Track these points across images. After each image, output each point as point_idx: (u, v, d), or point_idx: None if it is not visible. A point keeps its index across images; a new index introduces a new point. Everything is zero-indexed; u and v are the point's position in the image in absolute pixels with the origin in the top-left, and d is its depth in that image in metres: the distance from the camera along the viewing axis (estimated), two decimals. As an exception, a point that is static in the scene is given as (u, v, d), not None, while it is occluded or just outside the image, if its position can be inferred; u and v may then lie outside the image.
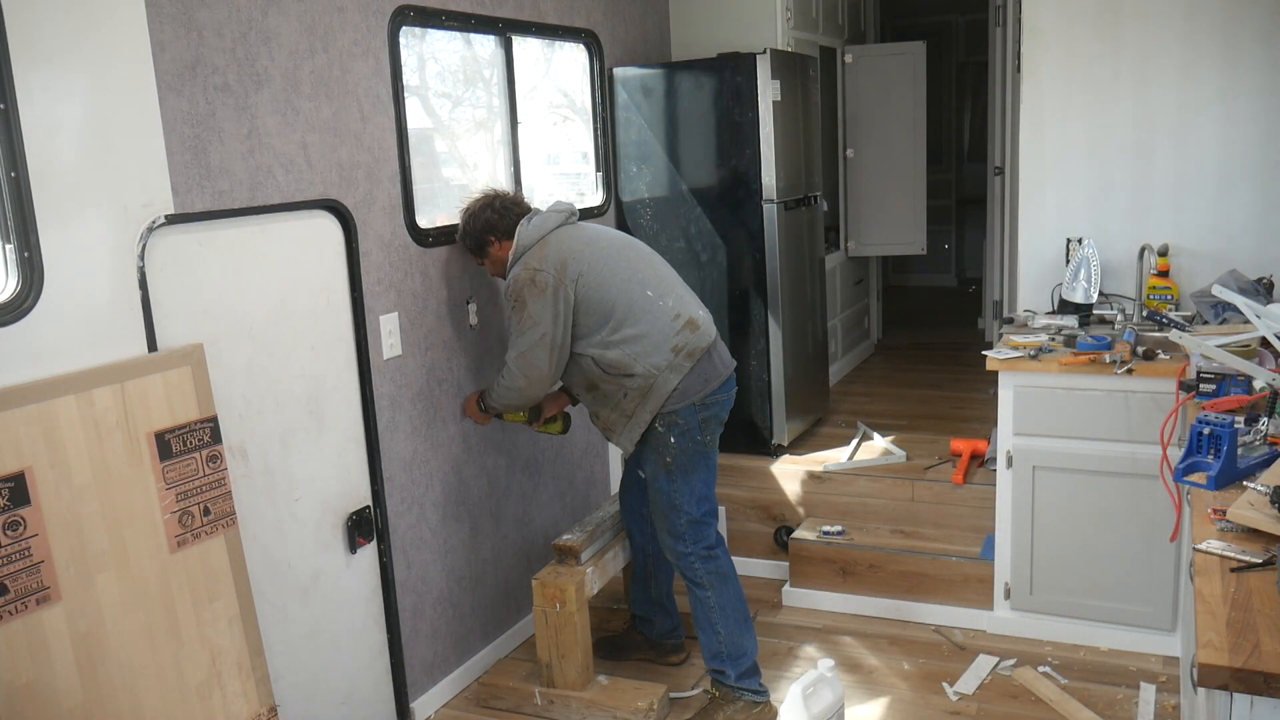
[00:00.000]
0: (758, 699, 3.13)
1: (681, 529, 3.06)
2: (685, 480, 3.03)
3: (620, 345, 2.95)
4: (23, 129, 2.09)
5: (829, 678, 2.84)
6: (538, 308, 2.94)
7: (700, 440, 3.02)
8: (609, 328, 2.97)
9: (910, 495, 3.94)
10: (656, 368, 2.94)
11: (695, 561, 3.07)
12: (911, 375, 5.74)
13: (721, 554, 3.11)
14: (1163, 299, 3.64)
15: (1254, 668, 1.51)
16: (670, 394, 2.94)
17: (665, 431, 2.99)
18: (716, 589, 3.07)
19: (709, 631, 3.10)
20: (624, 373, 2.95)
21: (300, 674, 2.83)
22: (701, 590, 3.08)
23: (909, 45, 5.84)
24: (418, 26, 3.27)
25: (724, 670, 3.11)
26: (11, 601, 2.06)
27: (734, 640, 3.09)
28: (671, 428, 2.98)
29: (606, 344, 2.96)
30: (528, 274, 2.96)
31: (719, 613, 3.08)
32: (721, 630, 3.08)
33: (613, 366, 2.96)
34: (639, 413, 2.97)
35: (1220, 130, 3.62)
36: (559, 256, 2.97)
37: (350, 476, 2.98)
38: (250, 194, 2.61)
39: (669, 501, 3.05)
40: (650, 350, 2.94)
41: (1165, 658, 3.37)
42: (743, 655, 3.11)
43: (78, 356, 2.23)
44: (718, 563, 3.09)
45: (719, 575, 3.08)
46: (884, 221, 5.89)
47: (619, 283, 2.99)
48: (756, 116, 4.04)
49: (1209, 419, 2.25)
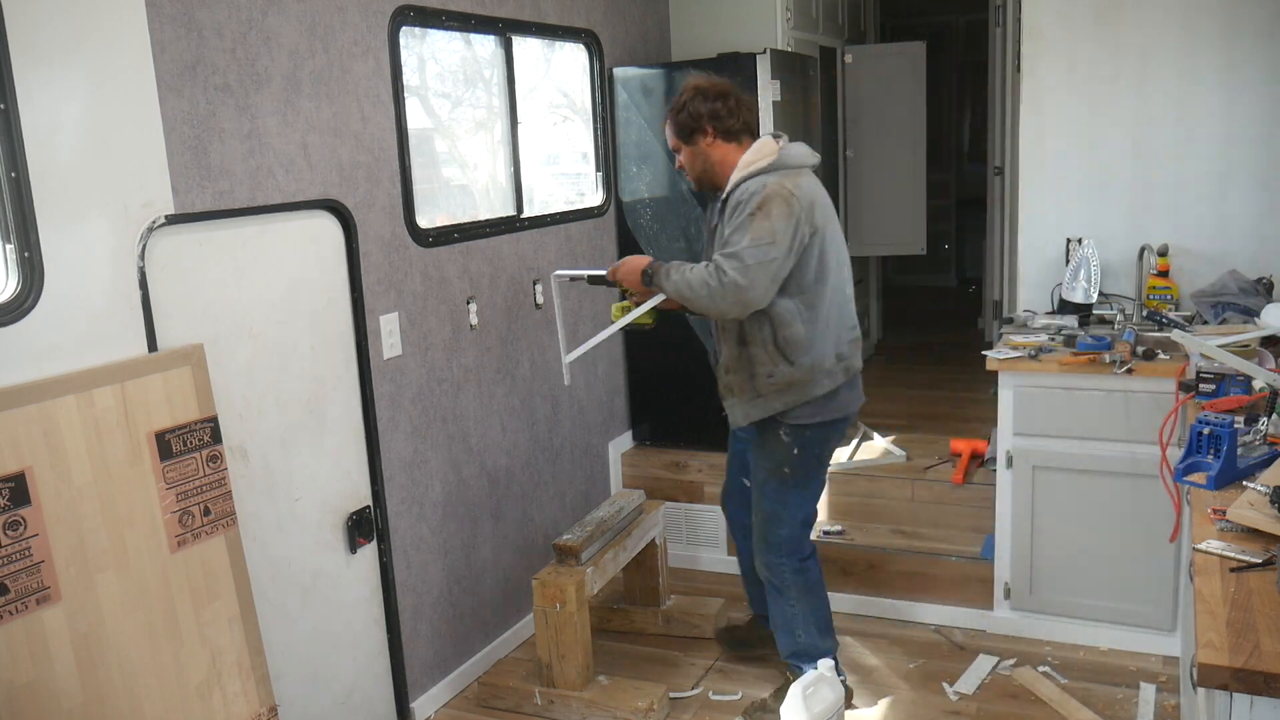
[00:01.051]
0: None
1: (780, 540, 3.00)
2: (798, 493, 2.98)
3: (807, 322, 2.78)
4: (23, 129, 2.09)
5: (829, 678, 2.84)
6: (782, 227, 2.67)
7: (818, 455, 2.97)
8: (806, 297, 2.78)
9: (910, 495, 3.94)
10: (820, 368, 2.82)
11: (786, 573, 3.02)
12: (911, 375, 5.74)
13: (813, 566, 3.06)
14: (1163, 299, 3.63)
15: (1254, 668, 1.51)
16: (811, 400, 2.84)
17: (791, 442, 2.90)
18: (802, 600, 3.03)
19: (788, 635, 3.08)
20: (787, 355, 2.79)
21: (300, 674, 2.83)
22: (786, 599, 3.04)
23: (909, 45, 5.84)
24: (418, 26, 3.27)
25: (800, 667, 3.07)
26: (11, 601, 2.06)
27: (813, 644, 3.06)
28: (797, 439, 2.89)
29: (797, 313, 2.77)
30: (784, 191, 2.71)
31: (800, 621, 3.05)
32: (802, 637, 3.06)
33: (785, 341, 2.79)
34: (771, 398, 2.85)
35: (1220, 130, 3.62)
36: (811, 197, 2.77)
37: (350, 476, 2.98)
38: (250, 194, 2.61)
39: (774, 512, 2.99)
40: (825, 346, 2.82)
41: (1165, 658, 3.37)
42: (821, 656, 3.06)
43: (78, 356, 2.23)
44: (808, 576, 3.04)
45: (807, 587, 3.04)
46: (884, 221, 5.89)
47: (836, 262, 2.84)
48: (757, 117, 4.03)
49: (1209, 419, 2.25)
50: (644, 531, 3.62)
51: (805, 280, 2.77)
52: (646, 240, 4.28)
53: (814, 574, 3.07)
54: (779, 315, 2.77)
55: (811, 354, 2.81)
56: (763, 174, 2.78)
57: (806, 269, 2.77)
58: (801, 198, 2.72)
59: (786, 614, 3.06)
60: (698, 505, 4.27)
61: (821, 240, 2.78)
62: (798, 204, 2.71)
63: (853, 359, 2.92)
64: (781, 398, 2.85)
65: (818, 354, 2.82)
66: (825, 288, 2.81)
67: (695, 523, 4.28)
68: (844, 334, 2.88)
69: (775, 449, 2.93)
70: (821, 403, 2.86)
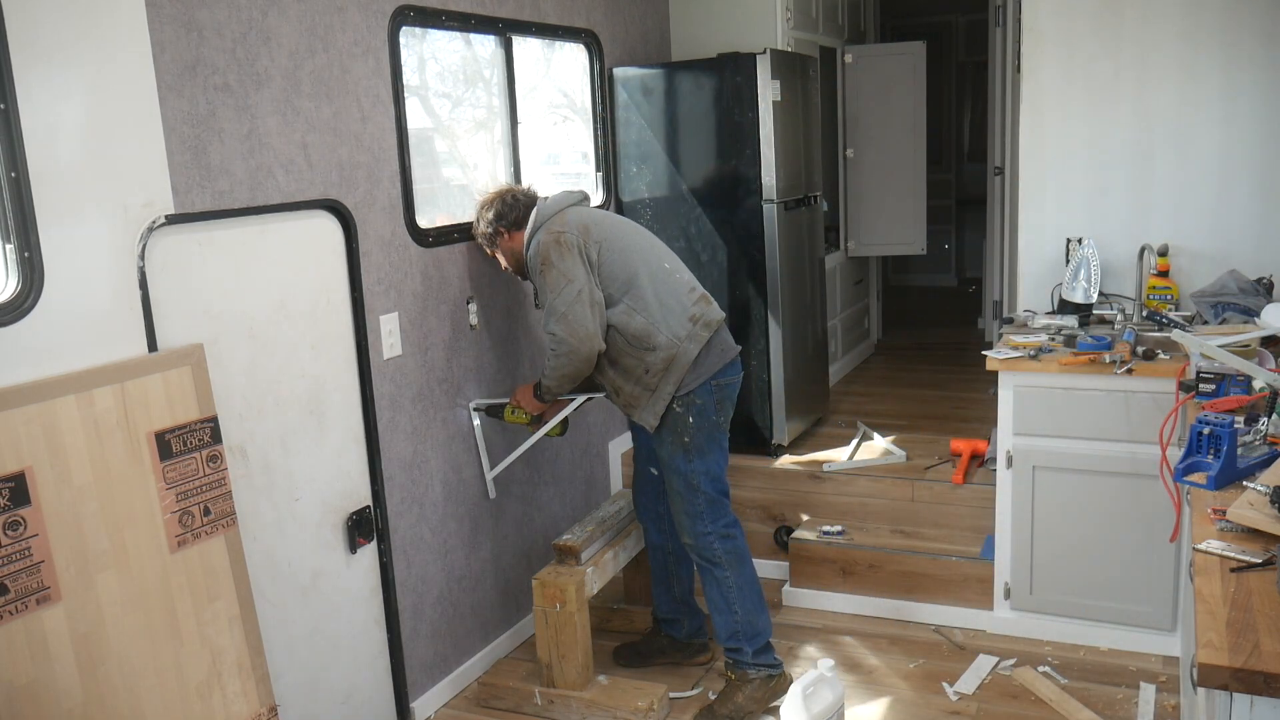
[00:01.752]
0: (773, 672, 3.18)
1: (700, 508, 3.09)
2: (702, 460, 3.07)
3: (643, 313, 2.99)
4: (23, 129, 2.09)
5: (829, 678, 2.84)
6: (568, 265, 2.96)
7: (715, 420, 3.08)
8: (631, 295, 3.01)
9: (910, 495, 3.94)
10: (678, 337, 2.99)
11: (714, 541, 3.10)
12: (911, 375, 5.74)
13: (738, 534, 3.16)
14: (1163, 299, 3.64)
15: (1254, 668, 1.51)
16: (690, 366, 2.99)
17: (684, 412, 3.03)
18: (735, 569, 3.11)
19: (726, 612, 3.13)
20: (647, 345, 2.99)
21: (300, 674, 2.83)
22: (720, 570, 3.11)
23: (909, 45, 5.84)
24: (418, 26, 3.27)
25: (740, 648, 3.14)
26: (11, 601, 2.06)
27: (750, 619, 3.13)
28: (689, 408, 3.03)
29: (630, 311, 3.00)
30: (551, 237, 3.01)
31: (736, 592, 3.11)
32: (739, 610, 3.12)
33: (636, 338, 2.99)
34: (662, 386, 3.01)
35: (1220, 130, 3.62)
36: (580, 222, 3.05)
37: (350, 476, 2.98)
38: (250, 194, 2.61)
39: (687, 483, 3.08)
40: (671, 320, 3.00)
41: (1165, 658, 3.37)
42: (758, 634, 3.15)
43: (78, 356, 2.23)
44: (735, 543, 3.13)
45: (737, 555, 3.12)
46: (884, 221, 5.89)
47: (638, 253, 3.06)
48: (756, 116, 4.04)
49: (1209, 419, 2.25)
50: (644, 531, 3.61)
51: (617, 285, 3.02)
52: (646, 240, 4.28)
53: (740, 543, 3.16)
54: (617, 322, 3.01)
55: (664, 332, 3.00)
56: (532, 236, 3.11)
57: (612, 281, 3.01)
58: (568, 231, 3.01)
59: (721, 587, 3.12)
60: (698, 505, 4.26)
61: (614, 247, 3.03)
62: (568, 237, 3.00)
63: (708, 314, 3.07)
64: (669, 379, 3.01)
65: (670, 329, 3.00)
66: (640, 279, 3.03)
67: (695, 523, 4.27)
68: (684, 300, 3.05)
69: (674, 423, 3.05)
70: (700, 363, 3.02)
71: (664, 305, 3.01)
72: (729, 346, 3.13)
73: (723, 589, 3.12)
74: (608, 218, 3.18)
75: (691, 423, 3.03)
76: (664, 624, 3.51)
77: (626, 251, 3.04)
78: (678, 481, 3.10)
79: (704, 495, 3.09)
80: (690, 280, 3.12)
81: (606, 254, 3.01)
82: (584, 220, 3.06)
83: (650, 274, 3.04)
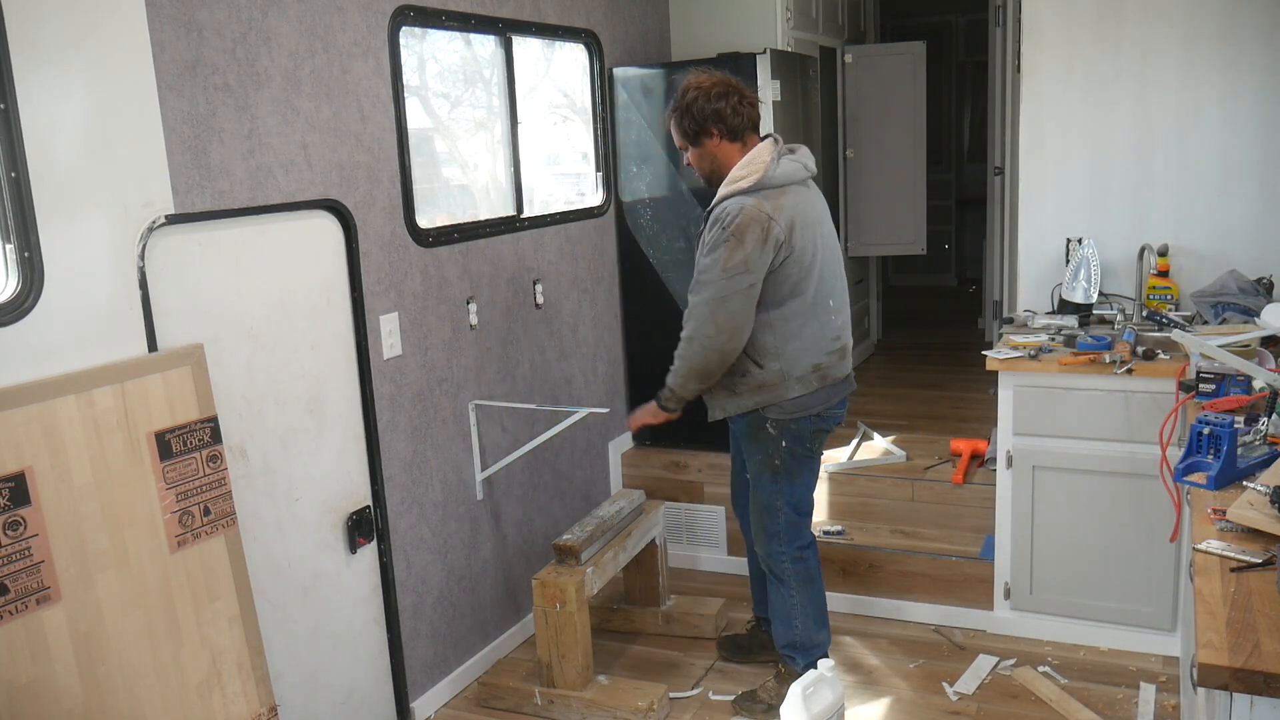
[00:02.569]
0: None
1: (779, 529, 3.07)
2: (790, 484, 3.04)
3: (778, 335, 2.87)
4: (23, 129, 2.09)
5: (829, 678, 2.84)
6: (756, 254, 2.76)
7: (809, 448, 3.03)
8: (781, 311, 2.86)
9: (910, 495, 3.94)
10: (788, 375, 2.89)
11: (786, 561, 3.09)
12: (911, 375, 5.74)
13: (811, 556, 3.13)
14: (1163, 299, 3.64)
15: (1254, 668, 1.51)
16: (784, 401, 2.92)
17: (777, 435, 2.97)
18: (801, 590, 3.11)
19: (786, 624, 3.15)
20: (757, 360, 2.88)
21: (300, 674, 2.83)
22: (786, 589, 3.11)
23: (909, 45, 5.84)
24: (418, 26, 3.27)
25: (794, 658, 3.16)
26: (11, 601, 2.06)
27: (808, 635, 3.14)
28: (784, 432, 2.96)
29: (770, 325, 2.86)
30: (763, 215, 2.76)
31: (799, 610, 3.12)
32: (799, 626, 3.13)
33: (754, 348, 2.88)
34: (745, 397, 2.95)
35: (1220, 130, 3.62)
36: (792, 216, 2.81)
37: (350, 476, 2.98)
38: (250, 194, 2.61)
39: (769, 502, 3.06)
40: (796, 356, 2.89)
41: (1165, 658, 3.37)
42: (815, 648, 3.15)
43: (78, 356, 2.23)
44: (806, 565, 3.12)
45: (806, 577, 3.12)
46: (884, 221, 5.89)
47: (815, 280, 2.89)
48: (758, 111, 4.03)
49: (1209, 419, 2.25)
50: (644, 531, 3.62)
51: (777, 295, 2.85)
52: (646, 240, 4.28)
53: (812, 564, 3.14)
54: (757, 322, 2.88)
55: (782, 360, 2.88)
56: (744, 194, 2.81)
57: (780, 286, 2.83)
58: (780, 220, 2.78)
59: (786, 603, 3.13)
60: (698, 505, 4.27)
61: (802, 258, 2.84)
62: (777, 229, 2.77)
63: (832, 369, 2.96)
64: (754, 397, 2.94)
65: (789, 361, 2.89)
66: (800, 302, 2.87)
67: (695, 523, 4.28)
68: (824, 344, 2.93)
69: (764, 442, 3.00)
70: (797, 403, 2.93)
71: (800, 338, 2.88)
72: (837, 391, 3.02)
73: (787, 605, 3.13)
74: (818, 222, 2.92)
75: (784, 446, 2.98)
76: (764, 622, 3.47)
77: (807, 270, 2.85)
78: (761, 498, 3.08)
79: (784, 516, 3.05)
80: (840, 329, 2.97)
81: (790, 265, 2.82)
82: (796, 216, 2.82)
83: (812, 303, 2.88)
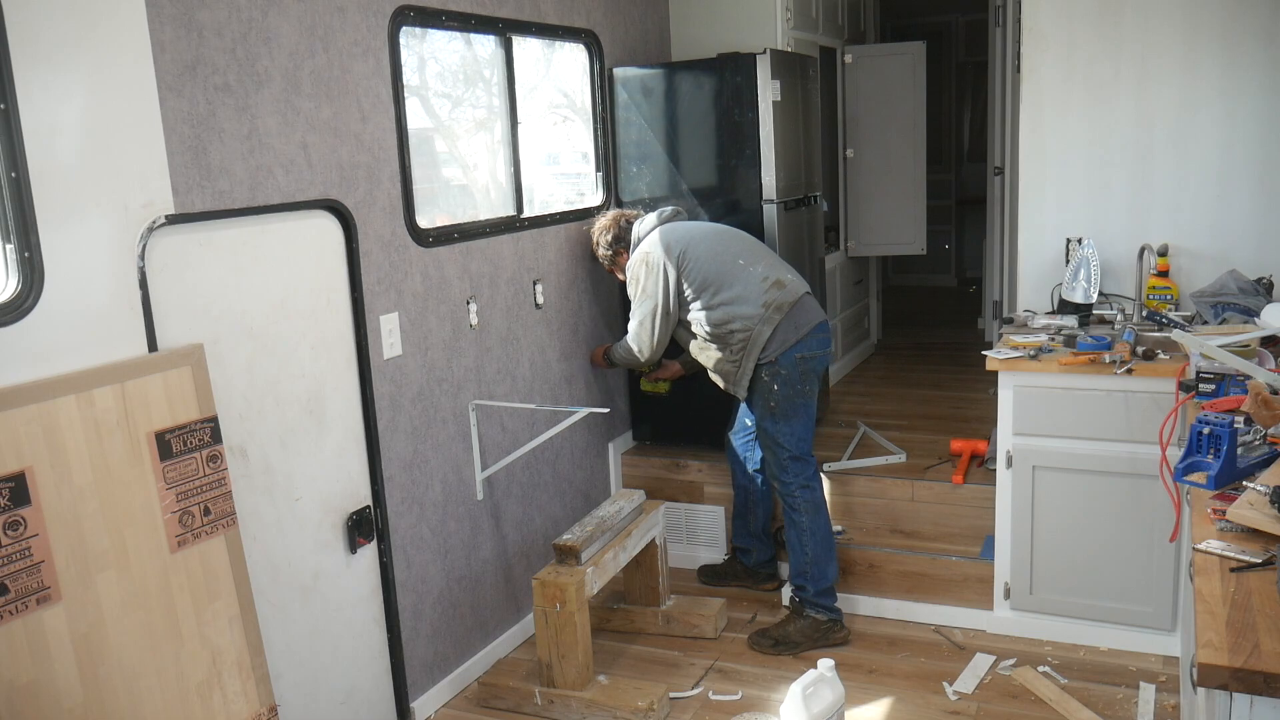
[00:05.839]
0: (831, 616, 3.61)
1: (785, 463, 3.56)
2: (787, 423, 3.53)
3: (720, 307, 3.50)
4: (23, 129, 2.09)
5: (829, 677, 2.84)
6: (650, 283, 3.57)
7: (800, 389, 3.52)
8: (709, 293, 3.52)
9: (910, 495, 3.94)
10: (752, 319, 3.47)
11: (795, 490, 3.56)
12: (911, 375, 5.74)
13: (817, 486, 3.61)
14: (1162, 299, 3.64)
15: (1254, 668, 1.51)
16: (767, 342, 3.45)
17: (770, 380, 3.50)
18: (810, 515, 3.56)
19: (799, 551, 3.59)
20: (727, 329, 3.50)
21: (300, 674, 2.83)
22: (798, 515, 3.57)
23: (909, 45, 5.84)
24: (418, 26, 3.27)
25: (805, 586, 3.60)
26: (11, 601, 2.06)
27: (818, 562, 3.57)
28: (775, 377, 3.49)
29: (709, 307, 3.52)
30: (641, 256, 3.61)
31: (809, 535, 3.56)
32: (809, 551, 3.57)
33: (716, 324, 3.52)
34: (745, 361, 3.50)
35: (1220, 130, 3.62)
36: (665, 241, 3.59)
37: (350, 476, 2.98)
38: (250, 194, 2.61)
39: (773, 440, 3.55)
40: (745, 308, 3.48)
41: (1165, 658, 3.37)
42: (823, 577, 3.58)
43: (78, 356, 2.23)
44: (814, 493, 3.58)
45: (813, 504, 3.57)
46: (884, 221, 5.89)
47: (714, 257, 3.55)
48: (756, 116, 4.04)
49: (1209, 419, 2.25)
50: (644, 531, 3.62)
51: (697, 287, 3.54)
52: (646, 240, 4.28)
53: (818, 494, 3.60)
54: (699, 317, 3.55)
55: (739, 317, 3.49)
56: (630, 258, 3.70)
57: (692, 284, 3.55)
58: (656, 251, 3.58)
59: (798, 530, 3.57)
60: (698, 505, 4.27)
61: (692, 256, 3.55)
62: (654, 257, 3.57)
63: (780, 298, 3.49)
64: (750, 355, 3.50)
65: (744, 314, 3.48)
66: (717, 278, 3.52)
67: (695, 523, 4.28)
68: (758, 289, 3.50)
69: (763, 389, 3.53)
70: (775, 338, 3.46)
71: (738, 297, 3.49)
72: (805, 320, 3.50)
73: (799, 531, 3.56)
74: (690, 231, 3.64)
75: (777, 390, 3.50)
76: (739, 552, 4.06)
77: (702, 259, 3.54)
78: (766, 439, 3.59)
79: (788, 452, 3.54)
80: (763, 272, 3.53)
81: (687, 264, 3.54)
82: (669, 239, 3.58)
83: (724, 272, 3.52)
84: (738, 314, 3.49)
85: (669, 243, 3.58)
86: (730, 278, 3.53)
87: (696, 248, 3.57)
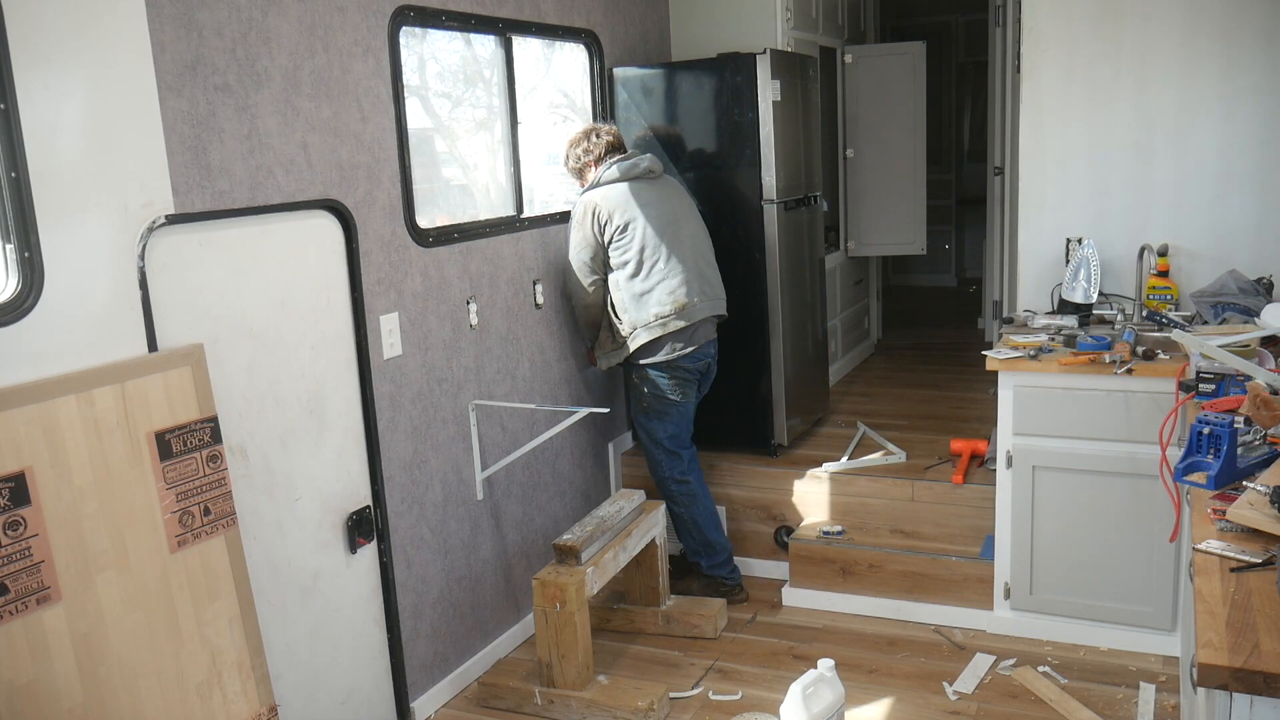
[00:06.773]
0: (727, 580, 3.92)
1: (659, 459, 3.82)
2: (660, 422, 3.78)
3: (628, 292, 3.65)
4: (23, 129, 2.09)
5: (829, 677, 2.84)
6: (583, 233, 3.66)
7: (670, 398, 3.74)
8: (626, 273, 3.65)
9: (910, 495, 3.94)
10: (634, 323, 3.66)
11: (671, 485, 3.83)
12: (911, 375, 5.74)
13: (693, 478, 3.85)
14: (1162, 299, 3.64)
15: (1254, 668, 1.51)
16: (642, 347, 3.66)
17: (639, 383, 3.76)
18: (687, 506, 3.85)
19: (688, 535, 3.90)
20: (618, 314, 3.70)
21: (300, 674, 2.83)
22: (677, 506, 3.86)
23: (909, 45, 5.83)
24: (418, 26, 3.27)
25: (699, 562, 3.92)
26: (11, 601, 2.06)
27: (705, 541, 3.88)
28: (644, 381, 3.74)
29: (619, 284, 3.68)
30: (585, 206, 3.65)
31: (691, 523, 3.87)
32: (695, 535, 3.89)
33: (616, 304, 3.70)
34: (619, 351, 3.74)
35: (1220, 130, 3.62)
36: (612, 201, 3.63)
37: (350, 476, 2.98)
38: (250, 194, 2.61)
39: (648, 436, 3.82)
40: (639, 310, 3.64)
41: (1165, 658, 3.37)
42: (713, 552, 3.90)
43: (78, 356, 2.23)
44: (688, 487, 3.84)
45: (689, 496, 3.85)
46: (884, 221, 5.89)
47: (647, 245, 3.63)
48: (756, 116, 4.04)
49: (1209, 419, 2.25)
50: (644, 531, 3.62)
51: (618, 263, 3.64)
52: (646, 240, 4.27)
53: (694, 485, 3.85)
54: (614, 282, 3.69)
55: (630, 313, 3.66)
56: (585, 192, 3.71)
57: (619, 255, 3.63)
58: (600, 205, 3.62)
59: (681, 521, 3.87)
60: (698, 505, 4.26)
61: (629, 232, 3.61)
62: (595, 211, 3.62)
63: (675, 319, 3.63)
64: (621, 350, 3.72)
65: (635, 315, 3.65)
66: (634, 265, 3.62)
67: (695, 523, 4.28)
68: (663, 300, 3.63)
69: (633, 389, 3.81)
70: (654, 349, 3.66)
71: (637, 298, 3.65)
72: (687, 343, 3.67)
73: (681, 522, 3.87)
74: (648, 205, 3.65)
75: (646, 392, 3.75)
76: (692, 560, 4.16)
77: (633, 240, 3.62)
78: (640, 433, 3.86)
79: (661, 448, 3.80)
80: (676, 287, 3.64)
81: (617, 238, 3.62)
82: (616, 201, 3.62)
83: (646, 265, 3.63)
84: (630, 312, 3.65)
85: (614, 208, 3.61)
86: (653, 272, 3.63)
87: (632, 226, 3.62)
